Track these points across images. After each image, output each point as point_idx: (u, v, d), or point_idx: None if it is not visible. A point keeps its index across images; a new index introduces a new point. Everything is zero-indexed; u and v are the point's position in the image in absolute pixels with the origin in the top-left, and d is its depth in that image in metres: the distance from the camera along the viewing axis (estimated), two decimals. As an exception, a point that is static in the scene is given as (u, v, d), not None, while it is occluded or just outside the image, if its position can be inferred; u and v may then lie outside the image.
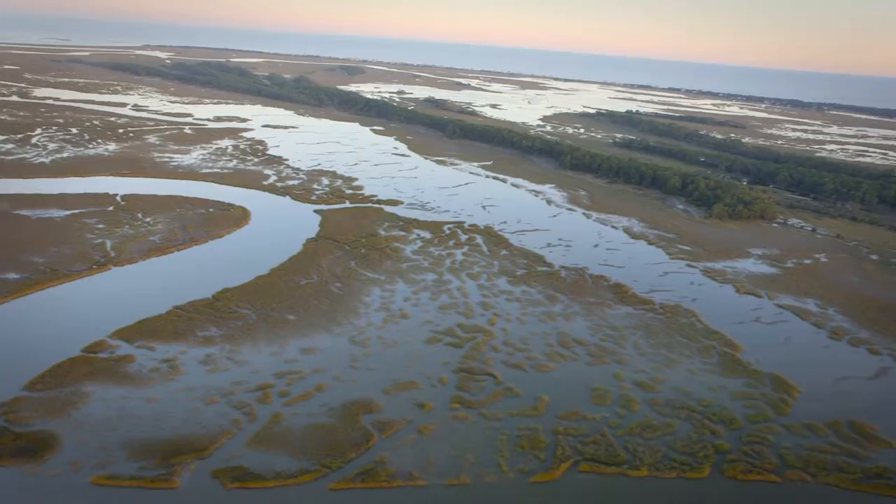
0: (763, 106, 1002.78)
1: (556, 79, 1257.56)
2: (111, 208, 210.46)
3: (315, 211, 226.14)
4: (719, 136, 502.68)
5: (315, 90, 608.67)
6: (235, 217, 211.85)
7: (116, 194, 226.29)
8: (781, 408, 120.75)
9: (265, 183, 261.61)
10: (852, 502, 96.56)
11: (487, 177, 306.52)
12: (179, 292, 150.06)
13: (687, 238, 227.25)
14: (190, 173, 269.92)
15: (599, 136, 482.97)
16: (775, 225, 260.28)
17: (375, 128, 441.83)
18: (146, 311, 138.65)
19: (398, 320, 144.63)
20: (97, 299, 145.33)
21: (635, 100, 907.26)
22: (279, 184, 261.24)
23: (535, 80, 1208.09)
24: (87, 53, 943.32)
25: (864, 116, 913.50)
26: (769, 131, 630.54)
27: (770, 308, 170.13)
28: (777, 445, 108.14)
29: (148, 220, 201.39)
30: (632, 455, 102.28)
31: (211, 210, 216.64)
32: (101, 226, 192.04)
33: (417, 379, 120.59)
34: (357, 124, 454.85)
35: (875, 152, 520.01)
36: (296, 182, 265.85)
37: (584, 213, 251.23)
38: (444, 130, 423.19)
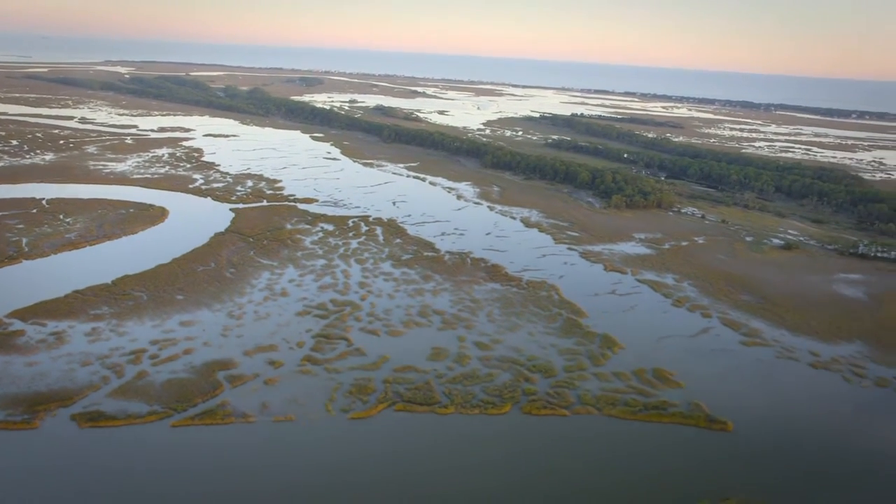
0: (712, 107, 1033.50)
1: (513, 85, 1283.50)
2: (35, 211, 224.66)
3: (231, 209, 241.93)
4: (651, 136, 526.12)
5: (264, 101, 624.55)
6: (153, 216, 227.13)
7: (43, 199, 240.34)
8: (599, 360, 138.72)
9: (191, 186, 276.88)
10: (623, 428, 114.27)
11: (408, 176, 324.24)
12: (82, 279, 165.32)
13: (578, 225, 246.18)
14: (120, 179, 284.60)
15: (535, 138, 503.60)
16: (670, 213, 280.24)
17: (315, 135, 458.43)
18: (47, 296, 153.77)
19: (277, 298, 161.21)
20: (1, 287, 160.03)
21: (587, 104, 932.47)
22: (204, 186, 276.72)
23: (493, 86, 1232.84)
24: (46, 70, 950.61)
25: (806, 116, 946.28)
26: (707, 130, 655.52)
27: (629, 282, 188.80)
28: (580, 388, 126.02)
29: (68, 220, 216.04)
30: (446, 398, 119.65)
31: (131, 210, 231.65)
32: (21, 226, 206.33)
33: (278, 343, 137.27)
34: (298, 132, 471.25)
35: (799, 148, 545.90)
36: (221, 185, 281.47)
37: (488, 206, 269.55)
38: (381, 135, 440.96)
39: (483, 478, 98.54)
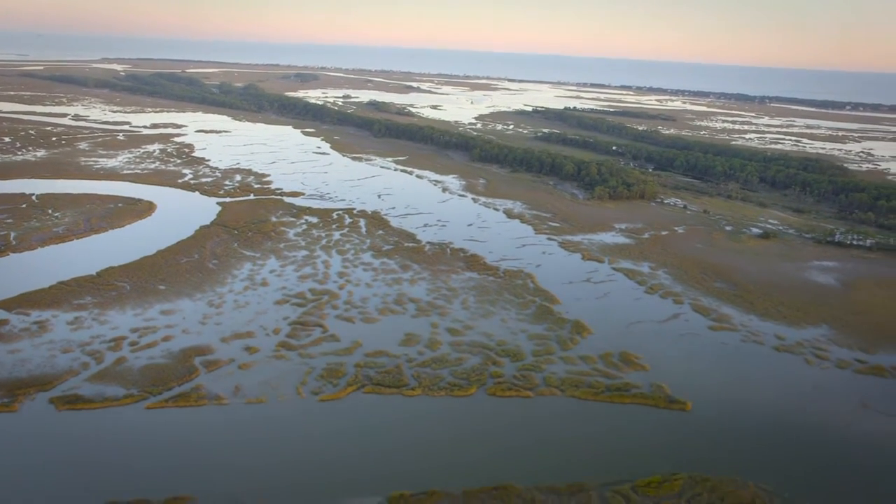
0: (707, 100, 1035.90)
1: (509, 80, 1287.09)
2: (24, 206, 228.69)
3: (218, 203, 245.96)
4: (641, 128, 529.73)
5: (257, 97, 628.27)
6: (140, 210, 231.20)
7: (33, 194, 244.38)
8: (567, 345, 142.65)
9: (180, 181, 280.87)
10: (584, 408, 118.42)
11: (396, 170, 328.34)
12: (68, 271, 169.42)
13: (560, 216, 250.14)
14: (111, 174, 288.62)
15: (525, 132, 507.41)
16: (653, 204, 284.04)
17: (307, 130, 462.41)
18: (32, 287, 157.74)
19: (257, 287, 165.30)
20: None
21: (582, 97, 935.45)
22: (193, 181, 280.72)
23: (488, 81, 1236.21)
24: (41, 68, 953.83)
25: (801, 108, 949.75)
26: (699, 123, 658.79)
27: (605, 270, 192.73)
28: (546, 371, 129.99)
29: (56, 214, 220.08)
30: (415, 380, 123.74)
31: (119, 205, 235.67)
32: (9, 220, 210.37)
33: (255, 330, 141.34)
34: (290, 127, 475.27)
35: (789, 140, 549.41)
36: (209, 179, 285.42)
37: (473, 199, 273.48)
38: (372, 130, 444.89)
39: (442, 454, 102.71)
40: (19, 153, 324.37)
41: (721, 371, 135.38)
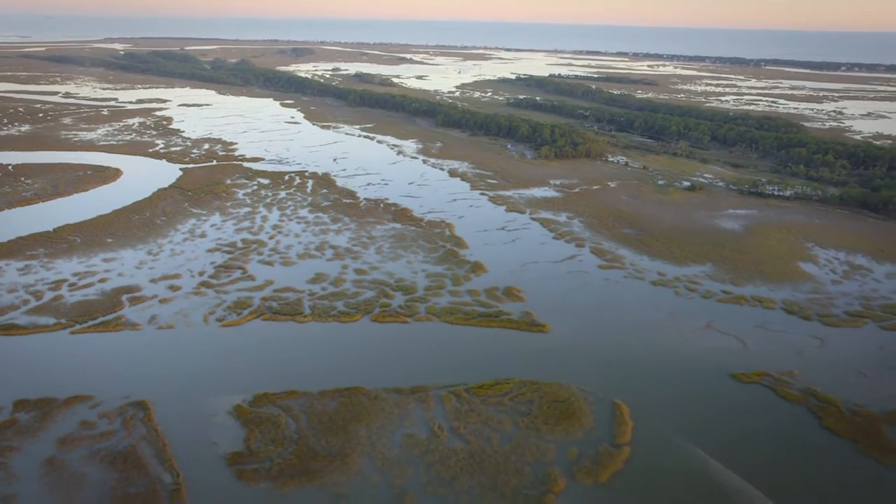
0: (701, 64, 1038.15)
1: (505, 49, 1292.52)
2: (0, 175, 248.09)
3: (181, 169, 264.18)
4: (615, 93, 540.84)
5: (244, 72, 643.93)
6: (106, 176, 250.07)
7: (9, 164, 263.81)
8: (459, 281, 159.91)
9: (150, 150, 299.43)
10: (452, 330, 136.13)
11: (359, 136, 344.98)
12: (27, 228, 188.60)
13: (501, 174, 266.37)
14: (87, 146, 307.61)
15: (501, 98, 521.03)
16: (598, 162, 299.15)
17: (286, 101, 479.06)
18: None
19: (195, 239, 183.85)
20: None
21: (573, 65, 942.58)
22: (163, 150, 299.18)
23: (484, 51, 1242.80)
24: (43, 49, 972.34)
25: (794, 70, 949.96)
26: (682, 87, 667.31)
27: (523, 220, 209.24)
28: (430, 302, 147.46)
29: (28, 181, 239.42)
30: (310, 310, 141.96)
31: (88, 172, 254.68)
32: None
33: (182, 273, 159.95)
34: (271, 99, 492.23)
35: (764, 100, 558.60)
36: (179, 148, 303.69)
37: (423, 160, 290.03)
38: (347, 100, 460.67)
39: (313, 365, 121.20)
40: (4, 129, 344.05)
41: (592, 301, 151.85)
